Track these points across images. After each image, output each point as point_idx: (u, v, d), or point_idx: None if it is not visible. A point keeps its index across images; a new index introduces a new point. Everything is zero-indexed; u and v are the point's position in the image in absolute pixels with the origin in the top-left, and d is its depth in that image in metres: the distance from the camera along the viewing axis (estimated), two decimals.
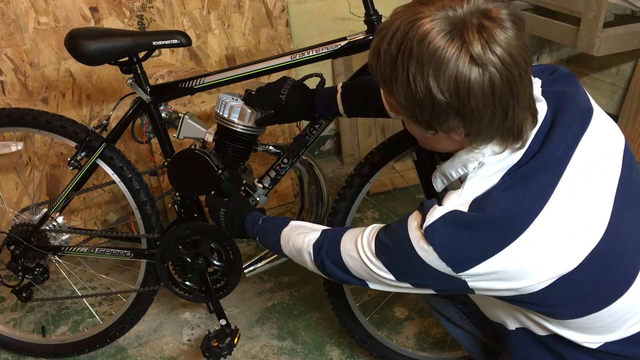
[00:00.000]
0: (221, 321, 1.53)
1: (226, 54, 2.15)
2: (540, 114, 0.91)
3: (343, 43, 1.30)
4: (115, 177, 1.53)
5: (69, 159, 1.51)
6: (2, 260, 1.62)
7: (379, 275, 0.99)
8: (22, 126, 1.51)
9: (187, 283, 1.57)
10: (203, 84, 1.39)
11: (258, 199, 1.46)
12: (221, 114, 1.36)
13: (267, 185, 1.46)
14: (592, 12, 1.94)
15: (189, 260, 1.52)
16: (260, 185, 1.46)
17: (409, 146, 1.36)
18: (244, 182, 1.43)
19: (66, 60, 1.92)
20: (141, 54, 1.40)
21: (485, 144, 0.89)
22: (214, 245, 1.52)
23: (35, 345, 1.75)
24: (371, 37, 1.29)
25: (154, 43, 1.35)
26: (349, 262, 1.04)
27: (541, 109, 0.92)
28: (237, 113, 1.35)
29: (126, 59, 1.39)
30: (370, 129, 2.66)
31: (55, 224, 1.60)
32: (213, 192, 1.42)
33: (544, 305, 0.94)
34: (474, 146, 0.90)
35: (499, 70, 0.78)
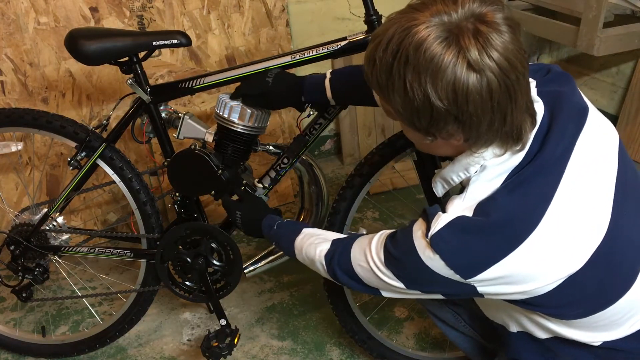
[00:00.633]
0: (221, 321, 1.53)
1: (226, 54, 2.15)
2: (538, 114, 0.91)
3: (343, 43, 1.30)
4: (115, 177, 1.53)
5: (69, 159, 1.51)
6: (2, 260, 1.62)
7: (390, 285, 0.99)
8: (22, 126, 1.51)
9: (187, 283, 1.57)
10: (203, 84, 1.39)
11: None
12: (221, 114, 1.36)
13: (267, 185, 1.46)
14: (592, 12, 1.94)
15: (189, 260, 1.52)
16: (260, 185, 1.46)
17: (409, 146, 1.36)
18: (244, 182, 1.43)
19: (66, 60, 1.92)
20: (141, 54, 1.41)
21: (485, 148, 0.88)
22: (214, 245, 1.52)
23: (35, 345, 1.75)
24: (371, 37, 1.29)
25: (154, 43, 1.35)
26: (360, 272, 1.04)
27: (538, 109, 0.92)
28: (237, 113, 1.35)
29: (126, 59, 1.39)
30: (370, 129, 2.66)
31: (55, 224, 1.60)
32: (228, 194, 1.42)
33: (551, 307, 0.94)
34: (474, 150, 0.90)
35: (497, 75, 0.78)
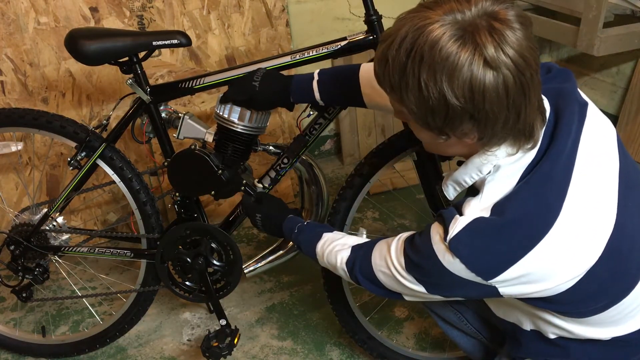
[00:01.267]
0: (221, 321, 1.53)
1: (226, 54, 2.15)
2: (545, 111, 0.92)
3: (343, 43, 1.30)
4: (115, 177, 1.53)
5: (69, 159, 1.51)
6: (2, 260, 1.62)
7: (412, 289, 0.99)
8: (22, 126, 1.51)
9: (187, 283, 1.57)
10: (203, 84, 1.39)
11: None
12: (221, 114, 1.36)
13: (267, 185, 1.46)
14: (592, 12, 1.93)
15: (189, 260, 1.52)
16: (260, 185, 1.46)
17: (409, 146, 1.36)
18: (244, 182, 1.43)
19: (66, 60, 1.92)
20: (141, 54, 1.40)
21: (498, 146, 0.88)
22: (214, 245, 1.52)
23: (35, 345, 1.75)
24: (371, 37, 1.29)
25: (154, 43, 1.35)
26: (382, 278, 1.04)
27: (545, 106, 0.92)
28: (237, 113, 1.34)
29: (126, 59, 1.39)
30: (370, 129, 2.66)
31: (55, 224, 1.60)
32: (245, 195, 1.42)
33: (568, 304, 0.94)
34: (487, 149, 0.89)
35: (512, 72, 0.78)
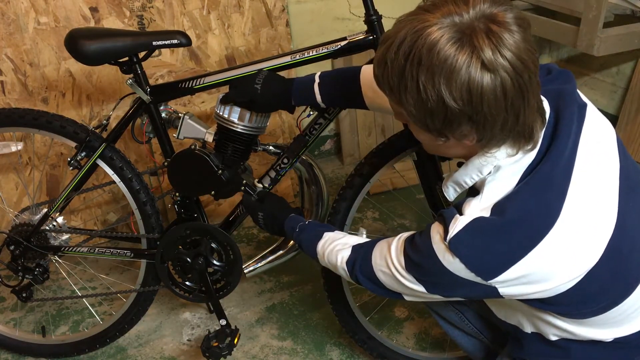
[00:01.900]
0: (221, 321, 1.53)
1: (226, 54, 2.15)
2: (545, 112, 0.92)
3: (343, 43, 1.30)
4: (115, 177, 1.53)
5: (69, 159, 1.51)
6: (2, 260, 1.62)
7: (411, 289, 0.99)
8: (22, 126, 1.51)
9: (187, 283, 1.57)
10: (203, 84, 1.39)
11: None
12: (221, 114, 1.36)
13: (267, 185, 1.46)
14: (592, 12, 1.94)
15: (189, 260, 1.52)
16: (260, 185, 1.46)
17: (409, 146, 1.36)
18: (244, 182, 1.43)
19: (66, 60, 1.92)
20: (141, 54, 1.40)
21: (497, 148, 0.89)
22: (214, 245, 1.52)
23: (35, 345, 1.75)
24: (371, 37, 1.29)
25: (154, 43, 1.35)
26: (382, 277, 1.04)
27: (545, 108, 0.92)
28: (237, 113, 1.34)
29: (126, 59, 1.39)
30: (370, 129, 2.66)
31: (55, 224, 1.60)
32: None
33: (568, 305, 0.94)
34: (486, 150, 0.90)
35: (510, 75, 0.78)
